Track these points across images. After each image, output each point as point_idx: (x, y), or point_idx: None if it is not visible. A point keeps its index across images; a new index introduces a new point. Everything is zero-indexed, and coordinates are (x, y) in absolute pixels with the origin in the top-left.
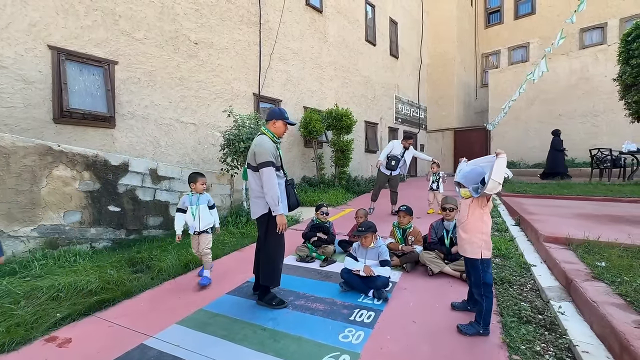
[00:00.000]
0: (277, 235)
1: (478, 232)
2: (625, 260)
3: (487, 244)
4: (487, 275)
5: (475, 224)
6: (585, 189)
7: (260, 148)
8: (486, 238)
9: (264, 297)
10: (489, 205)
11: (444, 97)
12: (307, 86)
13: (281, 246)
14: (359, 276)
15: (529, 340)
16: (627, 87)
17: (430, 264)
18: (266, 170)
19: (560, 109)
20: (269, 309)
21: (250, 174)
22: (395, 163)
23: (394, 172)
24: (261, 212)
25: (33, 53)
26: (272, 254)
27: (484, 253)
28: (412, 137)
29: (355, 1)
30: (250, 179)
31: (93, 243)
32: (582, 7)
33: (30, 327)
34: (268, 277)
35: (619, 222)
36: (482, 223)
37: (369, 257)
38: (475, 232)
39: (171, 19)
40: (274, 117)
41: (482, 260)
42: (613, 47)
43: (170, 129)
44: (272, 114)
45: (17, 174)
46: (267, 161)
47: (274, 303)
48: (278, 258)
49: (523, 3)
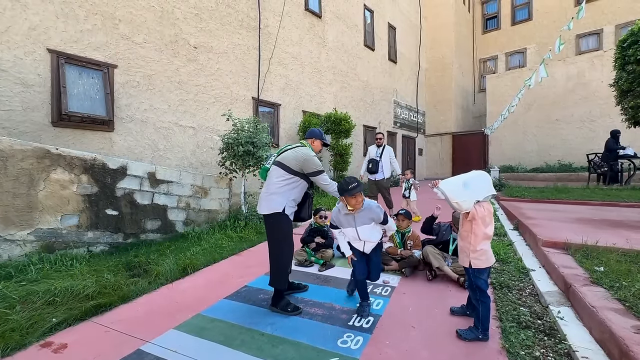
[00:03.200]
0: (284, 236)
1: (467, 242)
2: (624, 265)
3: (478, 254)
4: (480, 281)
5: (466, 235)
6: (583, 193)
7: (309, 162)
8: (474, 249)
9: (278, 303)
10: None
11: (442, 101)
12: (306, 90)
13: (287, 248)
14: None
15: (528, 345)
16: (624, 93)
17: (433, 258)
18: (320, 177)
19: (558, 113)
20: (271, 313)
21: (274, 170)
22: (372, 166)
23: (377, 175)
24: (274, 210)
25: (32, 56)
26: (278, 254)
27: (474, 262)
28: (382, 134)
29: (354, 6)
30: (272, 175)
31: (90, 247)
32: (582, 14)
33: (26, 332)
34: (274, 278)
35: (617, 226)
36: (472, 234)
37: (360, 222)
38: (465, 242)
39: (171, 23)
40: (314, 137)
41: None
42: (609, 53)
43: (169, 132)
44: (314, 134)
45: (14, 177)
46: (318, 170)
47: (290, 310)
48: (285, 259)
49: (520, 9)
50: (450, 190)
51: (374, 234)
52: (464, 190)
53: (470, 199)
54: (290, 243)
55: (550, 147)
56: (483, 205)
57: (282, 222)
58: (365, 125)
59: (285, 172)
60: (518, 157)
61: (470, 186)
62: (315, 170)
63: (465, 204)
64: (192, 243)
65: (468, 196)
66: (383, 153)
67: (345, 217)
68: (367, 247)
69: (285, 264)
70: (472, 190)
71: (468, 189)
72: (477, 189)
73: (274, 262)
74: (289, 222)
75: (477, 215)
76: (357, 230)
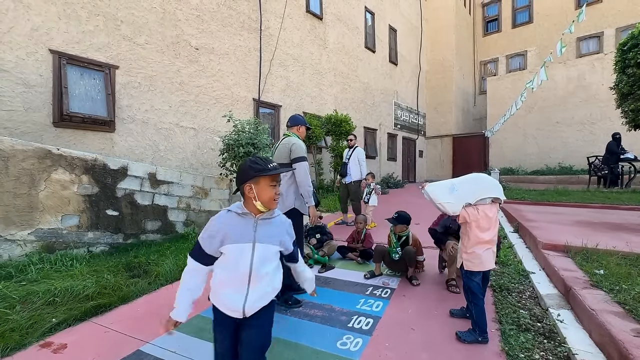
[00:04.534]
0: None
1: (461, 244)
2: (624, 268)
3: (469, 257)
4: (472, 282)
5: (462, 236)
6: (583, 196)
7: (296, 146)
8: (466, 251)
9: (281, 296)
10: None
11: (443, 103)
12: (306, 92)
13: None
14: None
15: (528, 348)
16: (624, 96)
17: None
18: (303, 164)
19: (558, 116)
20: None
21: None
22: (342, 168)
23: (346, 179)
24: (287, 208)
25: (34, 57)
26: None
27: (466, 264)
28: (353, 135)
29: (355, 8)
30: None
31: (90, 247)
32: (582, 17)
33: (25, 332)
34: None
35: (617, 229)
36: (466, 237)
37: (264, 236)
38: (460, 242)
39: (173, 25)
40: (299, 123)
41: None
42: (609, 56)
43: (170, 133)
44: (298, 121)
45: (15, 177)
46: (303, 156)
47: (290, 302)
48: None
49: (521, 12)
50: (434, 192)
51: (273, 273)
52: (450, 193)
53: (457, 202)
54: (302, 237)
55: (550, 149)
56: (478, 209)
57: (294, 218)
58: (366, 127)
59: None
60: (518, 160)
61: (458, 189)
62: (299, 156)
63: (449, 206)
64: (192, 244)
65: (454, 199)
66: (352, 155)
67: (238, 223)
68: (254, 297)
69: None
70: (459, 193)
71: (454, 192)
72: (467, 191)
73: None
74: (301, 217)
75: (469, 218)
76: (253, 250)
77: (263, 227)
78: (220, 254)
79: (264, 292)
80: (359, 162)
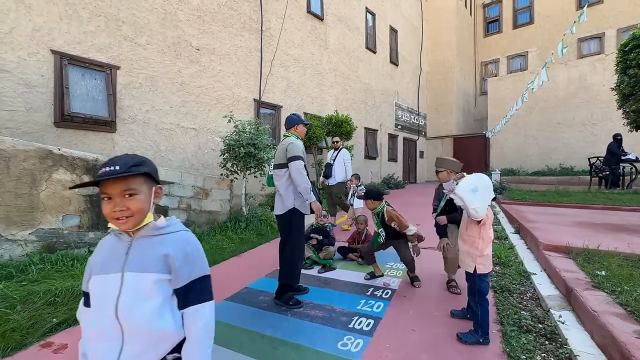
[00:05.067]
0: (296, 232)
1: (474, 248)
2: (625, 269)
3: (484, 259)
4: (483, 284)
5: (472, 240)
6: (584, 197)
7: (292, 145)
8: (481, 254)
9: (282, 296)
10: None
11: (444, 104)
12: (307, 92)
13: (301, 247)
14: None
15: (529, 349)
16: (625, 97)
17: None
18: (296, 163)
19: (559, 117)
20: (271, 315)
21: (276, 173)
22: (327, 169)
23: (330, 180)
24: (287, 208)
25: (36, 57)
26: (290, 254)
27: (479, 268)
28: (339, 137)
29: (356, 9)
30: (275, 178)
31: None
32: (583, 18)
33: (26, 332)
34: (287, 276)
35: (618, 230)
36: (480, 239)
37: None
38: (472, 247)
39: (174, 25)
40: (296, 123)
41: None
42: (611, 57)
43: (171, 133)
44: (294, 121)
45: (16, 178)
46: (297, 155)
47: (291, 303)
48: (297, 259)
49: (521, 13)
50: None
51: (157, 316)
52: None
53: (484, 205)
54: (302, 238)
55: (551, 150)
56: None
57: (294, 218)
58: (367, 127)
59: (282, 168)
60: (519, 160)
61: (480, 191)
62: (293, 155)
63: (481, 210)
64: None
65: (479, 201)
66: (337, 157)
67: (111, 245)
68: (133, 351)
69: (297, 259)
70: (482, 195)
71: (476, 193)
72: (485, 191)
73: (286, 258)
74: (301, 217)
75: (488, 218)
76: (121, 282)
77: (139, 249)
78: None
79: (151, 343)
80: (345, 163)
